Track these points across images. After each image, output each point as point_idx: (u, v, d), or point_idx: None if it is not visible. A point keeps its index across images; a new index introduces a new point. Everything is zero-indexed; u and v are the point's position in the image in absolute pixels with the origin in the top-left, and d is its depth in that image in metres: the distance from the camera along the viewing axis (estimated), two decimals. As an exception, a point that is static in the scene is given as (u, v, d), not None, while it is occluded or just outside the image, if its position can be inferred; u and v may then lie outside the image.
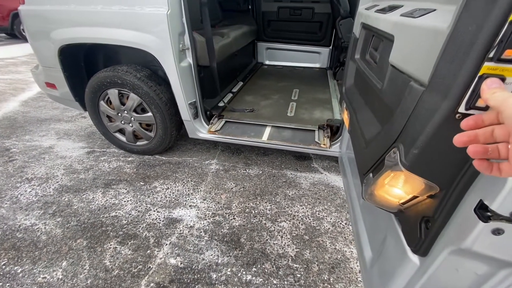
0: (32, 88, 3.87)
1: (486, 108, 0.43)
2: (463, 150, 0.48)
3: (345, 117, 1.32)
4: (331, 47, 3.37)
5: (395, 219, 0.77)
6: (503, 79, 0.40)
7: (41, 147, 2.42)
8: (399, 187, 0.64)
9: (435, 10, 0.62)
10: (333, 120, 2.00)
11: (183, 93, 1.86)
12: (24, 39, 7.28)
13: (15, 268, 1.35)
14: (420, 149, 0.51)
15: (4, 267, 1.35)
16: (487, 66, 0.40)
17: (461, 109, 0.44)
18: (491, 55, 0.40)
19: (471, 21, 0.42)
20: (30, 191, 1.87)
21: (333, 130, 1.96)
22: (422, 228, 0.61)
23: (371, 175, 0.75)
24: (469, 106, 0.44)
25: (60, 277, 1.31)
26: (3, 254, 1.41)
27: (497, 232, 0.46)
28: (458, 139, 0.40)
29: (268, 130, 1.95)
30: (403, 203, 0.68)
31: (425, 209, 0.60)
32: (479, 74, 0.41)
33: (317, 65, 3.51)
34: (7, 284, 1.27)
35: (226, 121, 2.07)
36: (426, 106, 0.51)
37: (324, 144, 1.78)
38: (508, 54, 0.39)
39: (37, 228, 1.58)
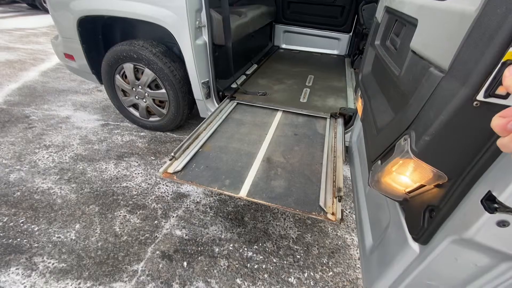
0: (52, 59, 3.95)
1: (506, 96, 0.41)
2: (476, 140, 0.47)
3: (359, 105, 1.30)
4: (351, 34, 3.24)
5: (399, 208, 0.77)
6: None
7: (59, 116, 2.50)
8: (406, 175, 0.64)
9: (464, -7, 0.58)
10: (346, 108, 1.96)
11: (197, 72, 1.86)
12: (45, 11, 7.35)
13: (32, 226, 1.44)
14: (432, 136, 0.51)
15: (22, 224, 1.45)
16: None
17: (480, 96, 0.43)
18: None
19: (501, 3, 0.40)
20: (48, 157, 1.96)
21: (346, 119, 1.93)
22: (425, 216, 0.61)
23: (379, 162, 0.74)
24: (488, 94, 0.42)
25: (73, 238, 1.40)
26: (21, 213, 1.51)
27: (502, 224, 0.46)
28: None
29: (249, 181, 1.29)
30: (409, 192, 0.68)
31: (431, 198, 0.60)
32: (502, 60, 0.39)
33: (335, 52, 3.41)
34: (24, 241, 1.37)
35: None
36: (443, 93, 0.50)
37: (332, 214, 1.11)
38: None
39: (53, 192, 1.66)
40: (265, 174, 1.36)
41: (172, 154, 1.38)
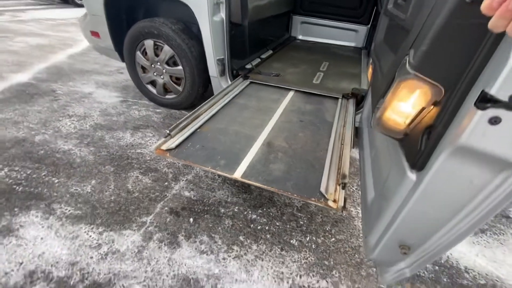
0: (79, 46, 4.17)
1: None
2: (471, 41, 0.48)
3: (370, 71, 1.31)
4: (369, 26, 3.23)
5: (400, 148, 0.78)
6: None
7: (82, 92, 2.65)
8: (407, 101, 0.65)
9: None
10: (359, 89, 1.96)
11: (213, 48, 1.92)
12: (75, 5, 7.78)
13: (53, 179, 1.54)
14: (428, 45, 0.52)
15: (44, 177, 1.55)
16: None
17: (474, -10, 0.45)
18: None
19: None
20: (70, 124, 2.08)
21: (358, 100, 1.93)
22: (423, 140, 0.62)
23: (382, 99, 0.76)
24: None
25: (89, 191, 1.48)
26: (44, 168, 1.62)
27: (494, 120, 0.47)
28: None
29: (245, 163, 1.22)
30: (409, 124, 0.69)
31: (429, 120, 0.61)
32: None
33: (353, 44, 3.40)
34: (45, 190, 1.47)
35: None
36: (441, 3, 0.52)
37: (334, 201, 1.04)
38: None
39: (73, 152, 1.77)
40: (264, 157, 1.27)
41: (168, 131, 1.30)
